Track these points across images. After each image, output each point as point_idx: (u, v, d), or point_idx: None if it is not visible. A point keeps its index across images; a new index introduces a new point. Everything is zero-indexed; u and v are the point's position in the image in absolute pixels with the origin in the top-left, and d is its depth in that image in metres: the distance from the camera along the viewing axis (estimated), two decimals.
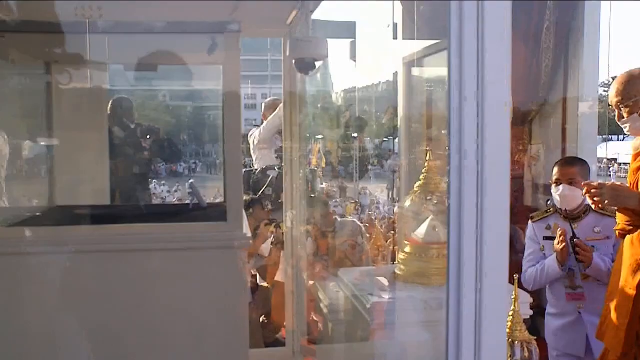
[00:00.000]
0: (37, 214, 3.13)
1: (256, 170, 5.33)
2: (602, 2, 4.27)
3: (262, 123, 5.61)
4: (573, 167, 3.24)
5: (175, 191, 13.00)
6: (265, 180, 5.00)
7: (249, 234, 2.67)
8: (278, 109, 4.77)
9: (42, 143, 3.47)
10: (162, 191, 12.85)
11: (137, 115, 5.20)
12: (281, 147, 4.81)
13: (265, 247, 4.50)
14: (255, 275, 4.63)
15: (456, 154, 1.14)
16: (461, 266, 1.15)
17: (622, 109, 2.67)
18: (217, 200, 4.54)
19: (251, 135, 5.69)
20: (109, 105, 4.39)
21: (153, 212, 3.76)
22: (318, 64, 3.36)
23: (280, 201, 4.38)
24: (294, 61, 3.38)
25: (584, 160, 3.34)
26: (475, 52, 1.10)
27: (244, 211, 2.76)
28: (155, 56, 3.22)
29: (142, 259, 2.56)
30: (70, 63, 3.33)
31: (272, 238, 4.38)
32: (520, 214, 4.04)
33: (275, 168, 5.03)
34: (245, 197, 4.64)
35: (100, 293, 2.50)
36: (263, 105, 5.84)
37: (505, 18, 1.10)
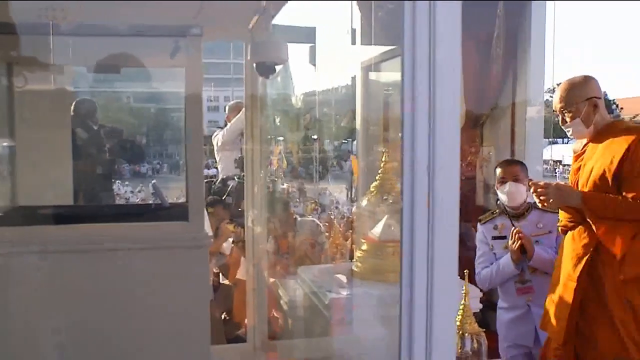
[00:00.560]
0: None
1: (216, 180, 5.34)
2: (547, 15, 4.38)
3: (226, 125, 5.58)
4: (516, 166, 3.38)
5: (139, 191, 12.80)
6: (226, 189, 4.99)
7: (211, 233, 2.65)
8: (241, 111, 4.76)
9: (4, 144, 3.38)
10: (126, 191, 12.65)
11: (101, 117, 5.11)
12: (240, 156, 4.82)
13: (227, 246, 4.47)
14: (218, 273, 4.60)
15: (409, 155, 1.15)
16: (413, 263, 1.16)
17: (565, 114, 2.75)
18: (180, 200, 4.49)
19: (215, 136, 5.66)
20: (72, 107, 4.30)
21: (116, 212, 3.69)
22: (278, 67, 3.36)
23: (240, 209, 4.37)
24: (254, 65, 3.37)
25: (522, 161, 3.51)
26: (427, 46, 1.11)
27: (205, 210, 2.74)
28: (119, 58, 3.16)
29: (105, 258, 2.51)
30: (32, 64, 3.25)
31: (233, 237, 4.36)
32: (472, 213, 4.11)
33: (235, 178, 5.03)
34: (208, 197, 4.62)
35: (63, 292, 2.45)
36: (227, 107, 5.81)
37: (455, 16, 1.11)
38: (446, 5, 1.11)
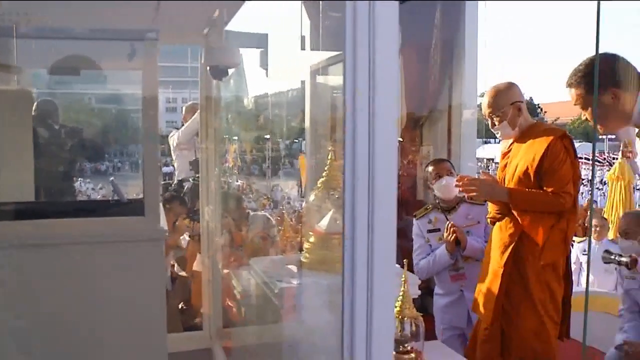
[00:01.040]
0: None
1: (173, 182, 5.28)
2: (479, 27, 4.49)
3: (182, 125, 5.50)
4: (447, 163, 3.48)
5: (101, 188, 12.46)
6: (182, 190, 4.93)
7: (166, 227, 2.60)
8: (197, 112, 4.69)
9: None
10: (87, 189, 12.32)
11: (64, 117, 4.94)
12: (195, 159, 4.76)
13: (184, 240, 4.40)
14: (175, 265, 4.52)
15: (350, 152, 1.14)
16: (355, 253, 1.16)
17: (493, 117, 2.82)
18: (139, 197, 4.40)
19: (171, 136, 5.57)
20: (34, 107, 4.14)
21: (76, 207, 3.58)
22: (230, 71, 3.32)
23: (195, 209, 4.32)
24: (208, 68, 3.33)
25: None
26: (367, 45, 1.10)
27: (161, 206, 2.68)
28: (78, 61, 3.07)
29: (64, 252, 2.44)
30: None
31: (189, 232, 4.30)
32: (413, 207, 4.16)
33: (190, 179, 4.98)
34: (165, 194, 4.54)
35: (25, 286, 2.37)
36: (183, 108, 5.72)
37: (393, 16, 1.11)
38: (385, 5, 1.11)
